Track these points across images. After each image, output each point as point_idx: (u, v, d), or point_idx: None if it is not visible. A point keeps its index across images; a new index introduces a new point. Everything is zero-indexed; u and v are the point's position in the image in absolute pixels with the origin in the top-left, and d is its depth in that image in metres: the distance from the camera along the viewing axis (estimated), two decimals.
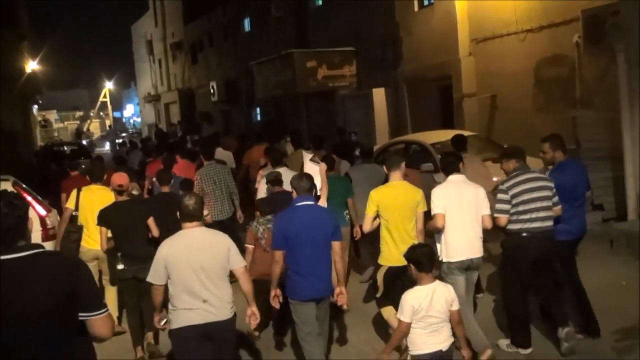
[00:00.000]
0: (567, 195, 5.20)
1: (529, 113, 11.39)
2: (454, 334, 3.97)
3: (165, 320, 4.16)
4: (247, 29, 24.00)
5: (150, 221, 5.64)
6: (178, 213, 4.14)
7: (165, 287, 4.09)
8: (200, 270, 3.96)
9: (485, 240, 5.26)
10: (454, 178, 5.09)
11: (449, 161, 5.24)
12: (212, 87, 26.39)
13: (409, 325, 3.82)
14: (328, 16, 17.51)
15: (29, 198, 7.14)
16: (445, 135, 10.78)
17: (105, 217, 5.58)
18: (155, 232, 5.61)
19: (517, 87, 11.63)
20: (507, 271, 5.21)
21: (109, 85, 56.54)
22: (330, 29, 17.19)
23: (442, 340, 3.85)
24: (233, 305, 4.12)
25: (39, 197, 7.87)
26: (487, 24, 12.20)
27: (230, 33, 25.55)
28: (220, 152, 10.83)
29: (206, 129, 23.36)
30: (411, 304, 3.80)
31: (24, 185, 7.85)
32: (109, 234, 5.65)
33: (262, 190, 7.23)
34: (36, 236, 6.61)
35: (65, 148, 24.40)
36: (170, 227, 4.70)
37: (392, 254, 4.65)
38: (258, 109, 24.30)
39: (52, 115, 55.62)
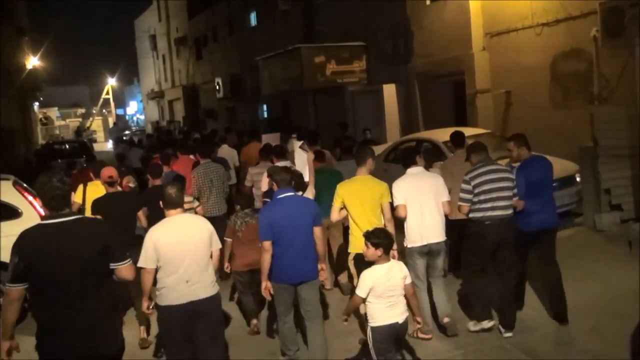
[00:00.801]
0: (532, 190, 5.63)
1: (546, 110, 11.14)
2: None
3: (152, 305, 4.56)
4: (253, 23, 23.77)
5: (141, 213, 6.14)
6: (161, 202, 4.57)
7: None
8: (187, 253, 4.39)
9: None
10: (412, 171, 5.71)
11: (407, 156, 5.93)
12: (217, 83, 26.16)
13: (362, 299, 4.25)
14: (336, 9, 17.26)
15: (30, 198, 7.25)
16: None
17: (98, 206, 5.98)
18: (144, 222, 6.09)
19: (533, 82, 11.40)
20: (470, 255, 5.71)
21: (111, 82, 56.17)
22: (338, 22, 16.97)
23: (398, 314, 4.26)
24: (215, 284, 4.56)
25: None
26: (501, 18, 11.96)
27: (235, 27, 25.33)
28: (225, 150, 11.11)
29: (211, 126, 23.25)
30: (371, 280, 4.21)
31: (24, 185, 7.67)
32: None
33: (263, 186, 7.38)
34: None
35: (67, 146, 24.24)
36: (157, 218, 5.07)
37: (359, 242, 4.95)
38: (264, 106, 24.06)
39: (53, 113, 55.31)
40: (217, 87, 26.19)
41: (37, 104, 38.51)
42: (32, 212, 6.97)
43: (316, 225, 5.08)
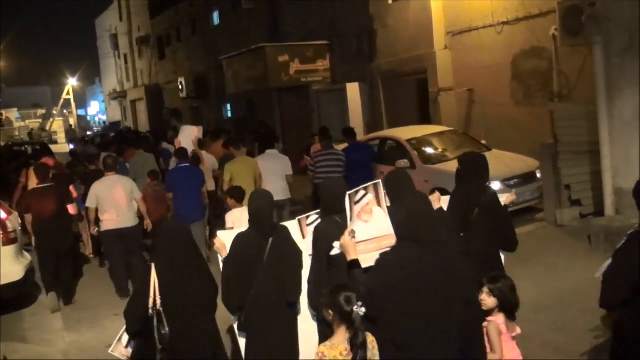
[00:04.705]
0: (354, 165, 8.57)
1: (507, 107, 11.29)
2: None
3: (97, 229, 7.59)
4: (216, 22, 23.48)
5: (72, 187, 8.63)
6: (102, 166, 8.00)
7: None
8: (114, 198, 7.37)
9: None
10: (269, 152, 8.93)
11: (265, 142, 9.52)
12: (181, 83, 25.77)
13: (230, 227, 6.16)
14: (301, 8, 17.18)
15: None
16: (421, 130, 10.66)
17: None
18: (74, 194, 8.47)
19: (494, 81, 11.53)
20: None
21: (72, 82, 54.67)
22: (303, 21, 16.92)
23: None
24: (136, 218, 7.67)
25: None
26: (463, 17, 12.08)
27: (198, 26, 25.02)
28: (164, 146, 12.88)
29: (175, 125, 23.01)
30: (231, 219, 6.22)
31: None
32: None
33: None
34: None
35: (27, 147, 23.52)
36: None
37: None
38: (229, 105, 23.82)
39: (13, 114, 53.75)
40: (181, 87, 25.81)
41: None
42: None
43: (201, 186, 8.28)
